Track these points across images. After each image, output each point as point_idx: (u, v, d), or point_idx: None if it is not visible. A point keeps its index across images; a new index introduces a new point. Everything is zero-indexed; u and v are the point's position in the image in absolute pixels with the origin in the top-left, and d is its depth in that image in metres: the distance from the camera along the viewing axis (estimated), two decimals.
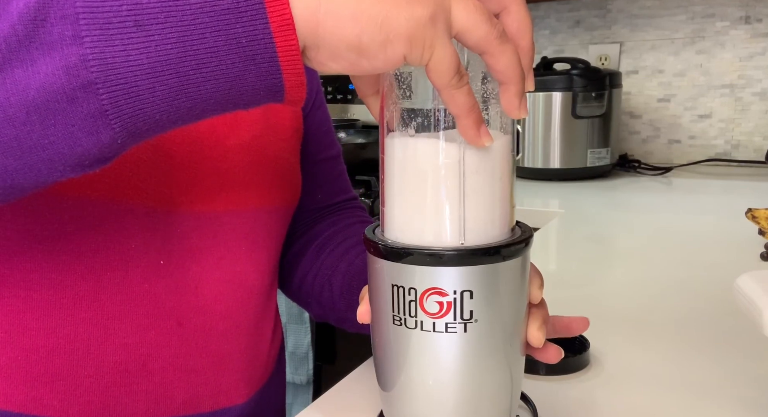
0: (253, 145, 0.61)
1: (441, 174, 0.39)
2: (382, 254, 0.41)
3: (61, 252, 0.52)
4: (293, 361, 1.38)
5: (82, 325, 0.53)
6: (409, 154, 0.40)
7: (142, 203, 0.53)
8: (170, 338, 0.57)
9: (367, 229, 0.44)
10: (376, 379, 0.45)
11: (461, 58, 0.37)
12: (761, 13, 1.65)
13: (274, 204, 0.64)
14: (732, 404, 0.53)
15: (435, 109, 0.40)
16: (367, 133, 1.81)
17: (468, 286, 0.39)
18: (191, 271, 0.57)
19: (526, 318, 0.44)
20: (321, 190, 0.75)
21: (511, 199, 0.42)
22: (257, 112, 0.62)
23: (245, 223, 0.61)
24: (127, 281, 0.54)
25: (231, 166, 0.59)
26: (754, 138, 1.71)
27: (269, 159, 0.63)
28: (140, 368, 0.55)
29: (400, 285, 0.40)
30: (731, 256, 0.94)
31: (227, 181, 0.59)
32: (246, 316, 0.62)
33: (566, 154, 1.59)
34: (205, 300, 0.58)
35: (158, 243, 0.55)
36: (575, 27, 1.85)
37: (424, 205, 0.40)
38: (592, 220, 1.24)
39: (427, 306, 0.40)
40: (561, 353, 0.46)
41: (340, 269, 0.66)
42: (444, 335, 0.40)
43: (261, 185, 0.62)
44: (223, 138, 0.59)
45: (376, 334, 0.44)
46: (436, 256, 0.39)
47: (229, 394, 0.61)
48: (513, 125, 0.42)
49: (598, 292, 0.82)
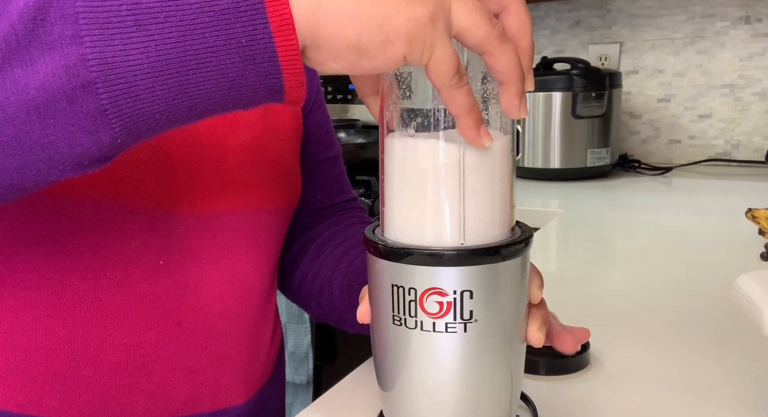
0: (253, 145, 0.61)
1: (441, 174, 0.39)
2: (382, 254, 0.41)
3: (61, 252, 0.52)
4: (293, 361, 1.38)
5: (82, 326, 0.53)
6: (409, 154, 0.40)
7: (142, 203, 0.53)
8: (169, 338, 0.56)
9: (366, 229, 0.44)
10: (376, 379, 0.45)
11: (461, 58, 0.37)
12: (761, 13, 1.65)
13: (274, 204, 0.64)
14: (732, 404, 0.53)
15: (435, 109, 0.40)
16: (367, 133, 1.81)
17: (468, 286, 0.39)
18: (191, 271, 0.57)
19: (526, 318, 0.44)
20: (321, 190, 0.75)
21: (511, 199, 0.42)
22: (257, 113, 0.62)
23: (245, 223, 0.61)
24: (127, 281, 0.54)
25: (231, 166, 0.59)
26: (754, 138, 1.71)
27: (269, 159, 0.63)
28: (139, 368, 0.55)
29: (400, 285, 0.40)
30: (731, 256, 0.94)
31: (227, 182, 0.59)
32: (246, 316, 0.62)
33: (566, 154, 1.59)
34: (204, 300, 0.58)
35: (158, 243, 0.55)
36: (575, 27, 1.85)
37: (424, 205, 0.40)
38: (592, 220, 1.24)
39: (427, 306, 0.40)
40: (578, 344, 0.47)
41: (340, 270, 0.66)
42: (444, 335, 0.40)
43: (261, 185, 0.62)
44: (223, 138, 0.59)
45: (376, 335, 0.44)
46: (436, 256, 0.39)
47: (228, 395, 0.61)
48: (513, 125, 0.42)
49: (598, 292, 0.82)
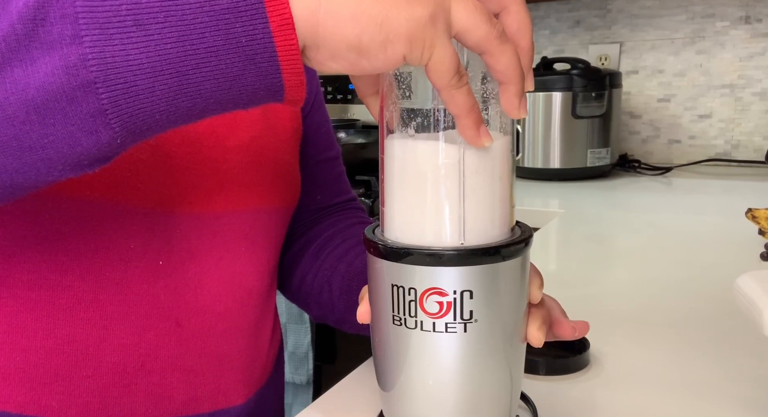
0: (253, 145, 0.61)
1: (441, 174, 0.39)
2: (381, 254, 0.41)
3: (60, 252, 0.52)
4: (293, 361, 1.38)
5: (81, 326, 0.53)
6: (409, 155, 0.40)
7: (142, 204, 0.53)
8: (169, 339, 0.56)
9: (366, 229, 0.44)
10: (377, 379, 0.45)
11: (461, 58, 0.37)
12: (761, 13, 1.65)
13: (273, 204, 0.64)
14: (732, 404, 0.53)
15: (435, 109, 0.40)
16: (367, 133, 1.81)
17: (468, 286, 0.39)
18: (190, 271, 0.57)
19: (526, 318, 0.44)
20: (320, 190, 0.75)
21: (510, 199, 0.42)
22: (256, 113, 0.62)
23: (245, 224, 0.61)
24: (126, 282, 0.54)
25: (230, 166, 0.59)
26: (754, 138, 1.71)
27: (269, 159, 0.63)
28: (139, 369, 0.55)
29: (400, 285, 0.40)
30: (731, 256, 0.94)
31: (227, 182, 0.59)
32: (245, 316, 0.62)
33: (566, 154, 1.59)
34: (204, 300, 0.58)
35: (158, 244, 0.55)
36: (575, 27, 1.85)
37: (423, 205, 0.40)
38: (592, 220, 1.24)
39: (427, 306, 0.40)
40: (576, 332, 0.47)
41: (340, 270, 0.66)
42: (444, 335, 0.40)
43: (260, 186, 0.62)
44: (223, 139, 0.59)
45: (375, 335, 0.44)
46: (435, 256, 0.39)
47: (228, 395, 0.61)
48: (513, 125, 0.42)
49: (598, 292, 0.82)
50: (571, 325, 0.48)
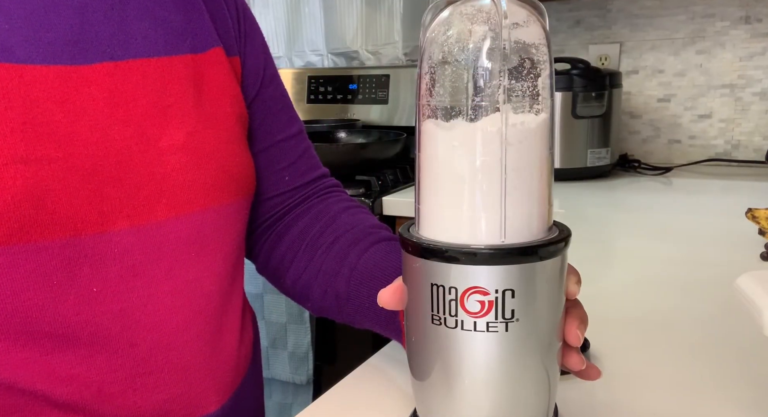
0: (189, 142, 0.57)
1: (481, 171, 0.39)
2: (420, 253, 0.40)
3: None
4: (293, 361, 1.38)
5: (21, 366, 0.50)
6: (450, 152, 0.40)
7: (58, 236, 0.50)
8: (123, 360, 0.53)
9: (401, 227, 0.43)
10: (411, 373, 0.45)
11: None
12: (761, 13, 1.65)
13: (221, 202, 0.60)
14: (732, 404, 0.53)
15: (473, 105, 0.39)
16: (367, 133, 1.81)
17: (510, 285, 0.39)
18: (136, 290, 0.54)
19: (564, 317, 0.43)
20: (287, 171, 0.71)
21: (549, 198, 0.42)
22: (187, 105, 0.57)
23: (192, 228, 0.57)
24: (59, 318, 0.51)
25: (167, 169, 0.55)
26: (754, 138, 1.71)
27: (209, 154, 0.59)
28: (95, 396, 0.52)
29: (440, 284, 0.40)
30: (731, 256, 0.94)
31: (166, 187, 0.55)
32: (206, 324, 0.59)
33: (566, 154, 1.59)
34: (157, 316, 0.55)
35: (87, 270, 0.51)
36: (575, 27, 1.85)
37: (463, 203, 0.40)
38: (592, 220, 1.24)
39: (468, 305, 0.39)
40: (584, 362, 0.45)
41: (343, 275, 0.64)
42: (485, 334, 0.40)
43: (204, 184, 0.58)
44: (154, 140, 0.55)
45: (412, 333, 0.44)
46: (477, 254, 0.38)
47: (199, 405, 0.59)
48: (552, 124, 0.41)
49: (598, 292, 0.82)
50: (580, 357, 0.45)
